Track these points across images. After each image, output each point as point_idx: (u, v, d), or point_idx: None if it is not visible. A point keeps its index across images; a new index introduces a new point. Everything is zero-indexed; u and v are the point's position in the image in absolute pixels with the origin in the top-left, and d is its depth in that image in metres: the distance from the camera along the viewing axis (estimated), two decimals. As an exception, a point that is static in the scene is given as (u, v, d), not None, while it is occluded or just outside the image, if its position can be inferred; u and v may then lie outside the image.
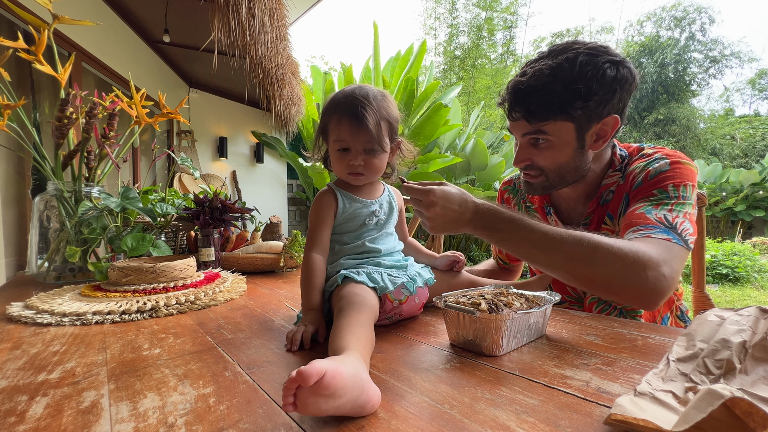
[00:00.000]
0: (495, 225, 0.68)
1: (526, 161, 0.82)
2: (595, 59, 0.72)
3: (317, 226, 0.70)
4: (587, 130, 0.76)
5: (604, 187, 0.85)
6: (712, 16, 16.45)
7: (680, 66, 16.11)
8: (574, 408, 0.37)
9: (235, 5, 2.30)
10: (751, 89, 18.76)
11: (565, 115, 0.73)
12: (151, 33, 3.31)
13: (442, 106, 4.92)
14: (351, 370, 0.36)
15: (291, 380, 0.32)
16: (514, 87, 0.78)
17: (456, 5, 13.15)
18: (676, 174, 0.73)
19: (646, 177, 0.76)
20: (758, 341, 0.36)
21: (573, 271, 0.64)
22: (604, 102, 0.73)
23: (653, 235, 0.65)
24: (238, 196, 5.04)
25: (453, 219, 0.67)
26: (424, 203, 0.67)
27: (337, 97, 0.69)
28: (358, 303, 0.56)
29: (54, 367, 0.51)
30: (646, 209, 0.71)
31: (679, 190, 0.72)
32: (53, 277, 1.09)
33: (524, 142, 0.81)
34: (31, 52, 1.03)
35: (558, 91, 0.72)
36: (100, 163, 1.19)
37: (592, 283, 0.64)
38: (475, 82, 12.19)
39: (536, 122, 0.76)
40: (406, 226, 0.84)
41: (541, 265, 0.68)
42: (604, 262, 0.61)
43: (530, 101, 0.75)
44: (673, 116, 15.05)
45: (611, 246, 0.61)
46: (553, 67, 0.73)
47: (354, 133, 0.66)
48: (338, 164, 0.70)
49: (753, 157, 14.48)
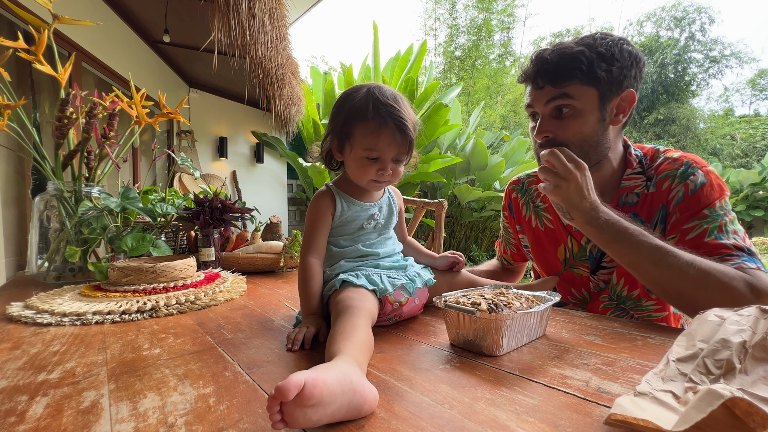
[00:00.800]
0: (612, 225, 0.68)
1: (547, 133, 0.80)
2: (612, 36, 0.78)
3: (313, 230, 0.69)
4: (609, 100, 0.77)
5: (625, 189, 0.84)
6: (712, 16, 16.46)
7: (680, 66, 16.12)
8: (574, 408, 0.37)
9: (235, 5, 2.30)
10: (751, 89, 18.77)
11: (591, 76, 0.75)
12: (151, 33, 3.31)
13: (442, 106, 4.92)
14: (335, 376, 0.35)
15: (271, 398, 0.32)
16: (539, 56, 0.79)
17: (456, 6, 13.15)
18: (715, 186, 0.74)
19: (687, 191, 0.76)
20: (758, 341, 0.36)
21: (680, 291, 0.64)
22: (624, 71, 0.75)
23: (743, 264, 0.67)
24: (238, 196, 5.05)
25: (581, 192, 0.68)
26: (574, 165, 0.68)
27: (366, 102, 0.64)
28: (354, 307, 0.55)
29: (54, 367, 0.51)
30: (715, 234, 0.71)
31: (724, 205, 0.74)
32: (53, 277, 1.09)
33: (546, 112, 0.80)
34: (31, 52, 1.03)
35: (584, 52, 0.75)
36: (100, 163, 1.19)
37: (698, 307, 0.64)
38: (474, 82, 12.19)
39: (562, 83, 0.76)
40: (405, 227, 0.84)
41: (643, 277, 0.68)
42: (714, 288, 0.62)
43: (557, 62, 0.77)
44: (673, 116, 15.06)
45: (724, 273, 0.63)
46: (577, 40, 0.77)
47: (393, 145, 0.64)
48: (363, 171, 0.66)
49: (753, 157, 14.48)
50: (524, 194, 1.05)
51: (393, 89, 0.67)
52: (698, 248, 0.72)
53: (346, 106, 0.66)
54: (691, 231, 0.74)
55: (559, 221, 0.93)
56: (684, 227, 0.75)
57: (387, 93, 0.65)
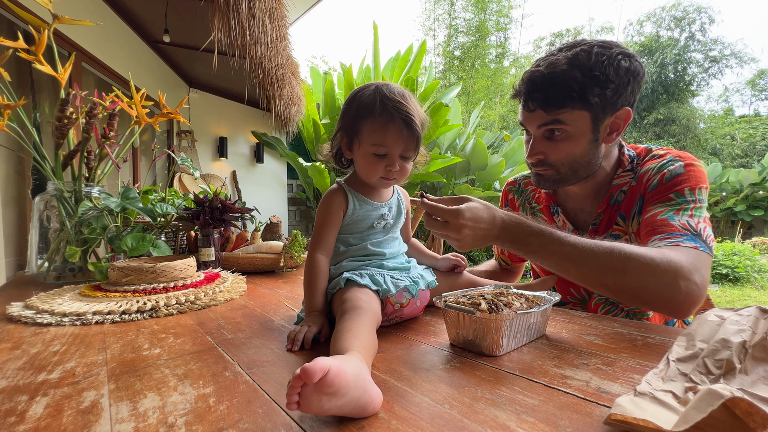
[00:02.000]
0: (523, 239, 0.67)
1: (539, 155, 0.81)
2: (609, 51, 0.73)
3: (324, 226, 0.69)
4: (602, 121, 0.76)
5: (615, 187, 0.84)
6: (712, 15, 16.46)
7: (680, 66, 16.12)
8: (574, 408, 0.37)
9: (235, 5, 2.30)
10: (751, 90, 18.77)
11: (583, 102, 0.73)
12: (151, 33, 3.31)
13: (442, 105, 4.92)
14: (354, 370, 0.36)
15: (296, 378, 0.32)
16: (531, 77, 0.77)
17: (455, 6, 13.15)
18: (691, 177, 0.74)
19: (661, 179, 0.76)
20: (758, 341, 0.36)
21: (605, 282, 0.64)
22: (619, 91, 0.73)
23: (681, 243, 0.65)
24: (238, 196, 5.04)
25: (481, 237, 0.67)
26: (453, 226, 0.65)
27: (374, 98, 0.65)
28: (360, 307, 0.55)
29: (54, 367, 0.51)
30: (668, 215, 0.71)
31: (695, 193, 0.72)
32: (53, 277, 1.09)
33: (539, 134, 0.80)
34: (31, 52, 1.03)
35: (576, 77, 0.72)
36: (100, 163, 1.19)
37: (624, 294, 0.63)
38: (474, 82, 12.19)
39: (554, 110, 0.75)
40: (410, 228, 0.84)
41: (571, 277, 0.67)
42: (636, 273, 0.61)
43: (548, 89, 0.74)
44: (673, 116, 15.06)
45: (643, 256, 0.61)
46: (569, 58, 0.73)
47: (400, 140, 0.64)
48: (371, 168, 0.67)
49: (753, 157, 14.48)
50: (521, 195, 1.06)
51: (401, 87, 0.67)
52: (649, 225, 0.72)
53: (354, 103, 0.67)
54: (652, 212, 0.74)
55: (554, 221, 0.94)
56: (648, 208, 0.75)
57: (395, 90, 0.66)
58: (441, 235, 0.68)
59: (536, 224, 0.68)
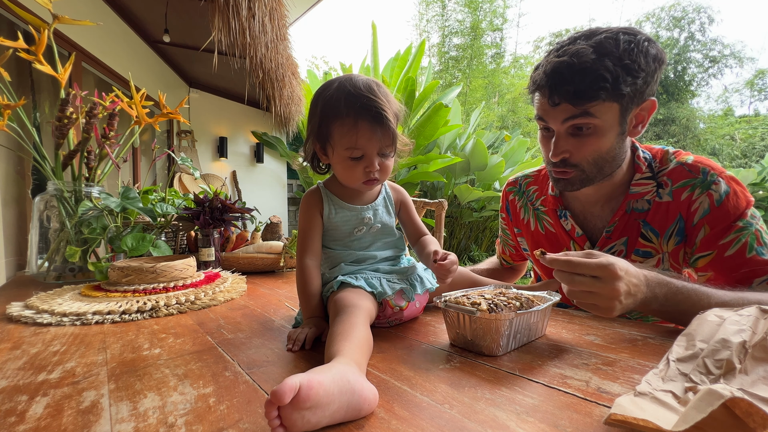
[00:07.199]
0: (672, 298, 0.59)
1: (564, 153, 0.74)
2: (635, 37, 0.67)
3: (306, 230, 0.68)
4: (629, 113, 0.71)
5: (634, 195, 0.79)
6: (712, 15, 16.46)
7: (680, 66, 16.11)
8: (574, 408, 0.37)
9: (235, 5, 2.30)
10: (750, 90, 18.77)
11: (615, 93, 0.67)
12: (151, 33, 3.31)
13: (442, 106, 4.92)
14: (332, 377, 0.35)
15: (267, 403, 0.32)
16: (556, 68, 0.69)
17: (446, 8, 13.12)
18: (739, 193, 0.71)
19: (712, 203, 0.72)
20: (758, 341, 0.36)
21: None
22: (648, 80, 0.68)
23: None
24: (238, 196, 5.04)
25: (632, 294, 0.55)
26: (607, 281, 0.52)
27: (338, 96, 0.59)
28: (352, 305, 0.55)
29: (54, 367, 0.51)
30: (757, 250, 0.68)
31: (755, 214, 0.71)
32: (53, 277, 1.09)
33: (563, 131, 0.73)
34: (31, 52, 1.03)
35: (608, 67, 0.66)
36: (100, 163, 1.19)
37: None
38: (470, 82, 12.18)
39: (584, 103, 0.68)
40: (417, 223, 0.76)
41: None
42: None
43: (578, 80, 0.67)
44: (673, 116, 15.06)
45: None
46: (595, 46, 0.67)
47: (373, 139, 0.59)
48: (350, 173, 0.62)
49: (753, 157, 14.48)
50: (522, 196, 1.02)
51: (367, 78, 0.62)
52: (742, 266, 0.69)
53: (319, 105, 0.62)
54: (730, 246, 0.71)
55: (560, 225, 0.90)
56: (720, 243, 0.71)
57: (359, 83, 0.60)
58: (587, 301, 0.55)
59: (677, 279, 0.62)
